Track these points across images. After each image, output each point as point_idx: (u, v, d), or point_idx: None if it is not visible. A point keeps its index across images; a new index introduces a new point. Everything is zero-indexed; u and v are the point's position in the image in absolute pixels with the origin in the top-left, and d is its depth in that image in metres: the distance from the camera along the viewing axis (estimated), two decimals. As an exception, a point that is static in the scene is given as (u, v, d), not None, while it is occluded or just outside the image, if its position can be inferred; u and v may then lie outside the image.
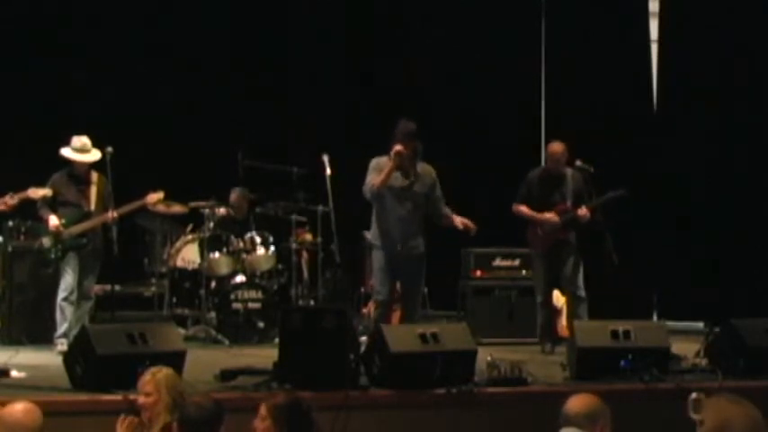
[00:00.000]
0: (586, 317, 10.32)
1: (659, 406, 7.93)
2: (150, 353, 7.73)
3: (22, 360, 9.21)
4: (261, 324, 11.31)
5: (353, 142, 11.77)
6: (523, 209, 10.79)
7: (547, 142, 14.26)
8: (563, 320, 10.99)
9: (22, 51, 13.03)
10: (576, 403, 4.96)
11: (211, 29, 13.60)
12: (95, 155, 10.37)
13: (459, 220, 9.72)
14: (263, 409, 5.63)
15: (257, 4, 13.92)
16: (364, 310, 11.36)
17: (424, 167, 9.63)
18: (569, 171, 10.69)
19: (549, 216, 10.59)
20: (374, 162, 9.54)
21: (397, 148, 9.33)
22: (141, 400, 6.20)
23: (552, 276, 10.70)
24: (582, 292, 10.56)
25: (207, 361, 9.25)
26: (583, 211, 10.52)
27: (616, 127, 13.06)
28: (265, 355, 9.08)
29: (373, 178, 9.45)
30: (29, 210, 10.60)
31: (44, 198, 10.26)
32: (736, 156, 13.22)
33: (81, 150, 10.40)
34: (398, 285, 9.80)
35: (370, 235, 9.88)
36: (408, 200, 9.54)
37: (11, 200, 10.05)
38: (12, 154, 12.36)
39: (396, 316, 10.08)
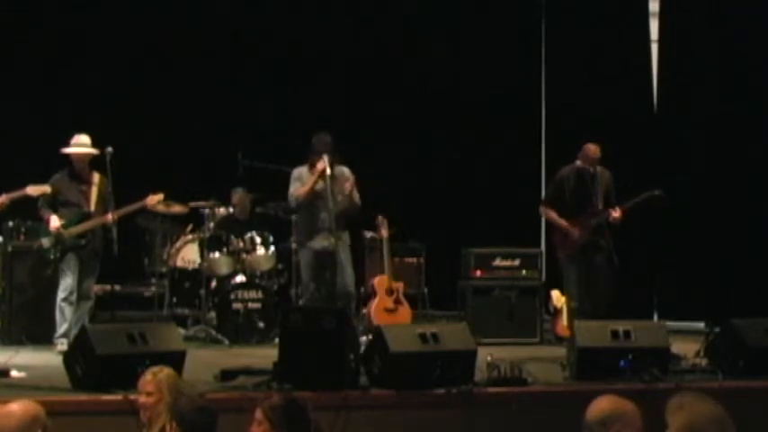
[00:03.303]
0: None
1: (659, 406, 7.91)
2: (150, 353, 7.73)
3: (22, 360, 9.20)
4: (261, 324, 11.30)
5: (353, 142, 11.70)
6: (552, 214, 10.69)
7: (547, 142, 14.36)
8: (563, 320, 10.99)
9: (22, 51, 13.03)
10: (592, 410, 4.79)
11: (212, 29, 13.59)
12: (93, 150, 10.38)
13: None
14: (258, 413, 5.51)
15: (258, 4, 13.91)
16: (364, 311, 11.36)
17: (340, 170, 10.48)
18: (598, 170, 10.60)
19: (574, 231, 10.48)
20: (296, 172, 10.55)
21: (321, 167, 10.32)
22: (142, 399, 6.21)
23: (585, 276, 10.47)
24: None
25: (207, 361, 9.25)
26: (617, 212, 10.39)
27: (616, 127, 13.05)
28: (265, 355, 9.08)
29: (297, 189, 10.47)
30: (29, 210, 10.59)
31: (44, 196, 10.26)
32: (737, 155, 13.22)
33: (79, 145, 10.41)
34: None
35: (296, 237, 10.80)
36: (329, 200, 10.29)
37: (3, 199, 10.04)
38: (12, 154, 12.35)
39: (403, 314, 10.40)
